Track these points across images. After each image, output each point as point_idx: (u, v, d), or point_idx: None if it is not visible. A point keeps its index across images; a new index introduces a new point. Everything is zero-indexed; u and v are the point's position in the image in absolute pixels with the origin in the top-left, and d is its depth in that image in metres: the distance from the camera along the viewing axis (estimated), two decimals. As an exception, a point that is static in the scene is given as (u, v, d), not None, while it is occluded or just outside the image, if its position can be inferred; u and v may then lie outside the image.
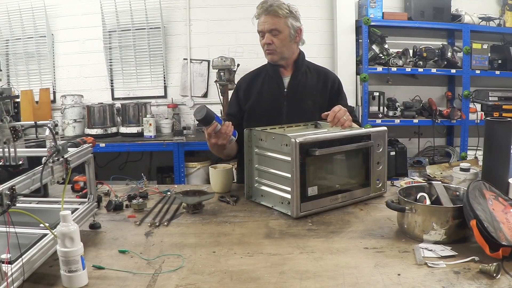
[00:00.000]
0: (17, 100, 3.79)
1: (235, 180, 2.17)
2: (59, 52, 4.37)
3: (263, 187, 1.76)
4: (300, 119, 1.99)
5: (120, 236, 1.45)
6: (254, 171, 1.79)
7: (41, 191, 1.23)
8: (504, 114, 4.12)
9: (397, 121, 4.21)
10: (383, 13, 4.09)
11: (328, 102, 2.06)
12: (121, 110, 4.16)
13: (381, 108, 4.26)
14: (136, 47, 4.36)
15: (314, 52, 4.27)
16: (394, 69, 4.12)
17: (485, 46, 4.17)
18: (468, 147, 4.27)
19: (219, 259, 1.27)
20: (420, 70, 4.15)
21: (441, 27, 4.24)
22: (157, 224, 1.56)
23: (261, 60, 2.17)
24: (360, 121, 4.06)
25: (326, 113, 1.84)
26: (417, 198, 1.51)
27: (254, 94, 2.11)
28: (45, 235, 1.19)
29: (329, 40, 4.40)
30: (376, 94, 4.22)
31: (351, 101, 4.16)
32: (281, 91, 2.08)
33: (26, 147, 1.61)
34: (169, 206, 1.76)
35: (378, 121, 4.13)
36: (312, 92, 2.07)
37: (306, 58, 2.15)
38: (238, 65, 3.94)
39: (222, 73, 3.85)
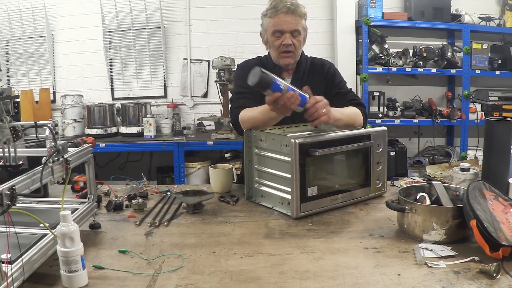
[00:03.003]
0: (17, 100, 3.79)
1: (235, 180, 2.16)
2: (59, 52, 4.38)
3: (263, 188, 1.76)
4: (302, 119, 1.95)
5: (120, 236, 1.45)
6: (254, 171, 1.79)
7: (41, 191, 1.23)
8: (504, 114, 4.13)
9: (397, 121, 4.21)
10: (383, 13, 4.09)
11: (326, 86, 1.97)
12: (121, 110, 4.16)
13: (381, 108, 4.26)
14: (136, 47, 4.36)
15: (314, 52, 4.17)
16: (394, 69, 4.12)
17: (485, 46, 4.17)
18: (468, 147, 4.28)
19: (219, 259, 1.27)
20: (420, 70, 4.15)
21: (441, 27, 4.25)
22: (157, 224, 1.56)
23: (261, 60, 2.16)
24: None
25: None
26: (417, 198, 1.51)
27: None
28: (45, 235, 1.18)
29: (329, 40, 4.41)
30: (376, 94, 4.22)
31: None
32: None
33: (26, 147, 1.61)
34: (169, 206, 1.76)
35: (378, 121, 4.13)
36: (311, 91, 2.03)
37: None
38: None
39: (222, 73, 3.85)
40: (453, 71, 4.20)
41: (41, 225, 1.18)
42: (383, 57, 4.13)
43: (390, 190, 1.92)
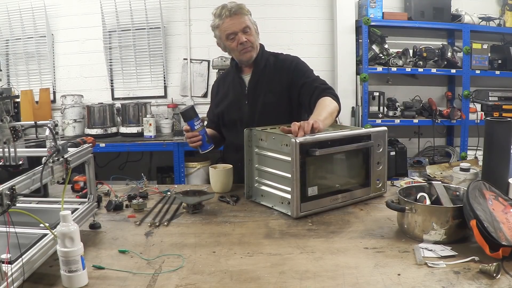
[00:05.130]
0: (17, 100, 3.79)
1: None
2: (59, 52, 4.37)
3: (263, 187, 1.76)
4: (261, 115, 2.02)
5: (120, 236, 1.46)
6: (254, 171, 1.79)
7: (41, 191, 1.22)
8: (504, 114, 4.13)
9: (397, 121, 4.21)
10: (383, 13, 4.09)
11: (292, 79, 2.03)
12: (121, 110, 4.16)
13: (381, 108, 4.26)
14: (136, 47, 4.36)
15: (314, 52, 4.27)
16: (394, 69, 4.12)
17: (485, 46, 4.17)
18: (468, 147, 4.28)
19: (219, 259, 1.27)
20: (420, 70, 4.15)
21: (441, 27, 4.25)
22: (157, 224, 1.56)
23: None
24: (360, 121, 4.08)
25: (287, 128, 1.64)
26: (417, 198, 1.51)
27: (221, 99, 2.19)
28: (45, 235, 1.19)
29: (329, 40, 4.40)
30: (376, 94, 4.22)
31: (351, 101, 4.17)
32: (242, 90, 2.10)
33: (26, 147, 1.61)
34: (169, 206, 1.76)
35: (378, 121, 4.13)
36: (272, 85, 2.05)
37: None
38: (238, 65, 3.94)
39: (222, 73, 3.84)
40: (453, 71, 4.20)
41: (41, 225, 1.18)
42: (383, 57, 4.13)
43: (390, 190, 1.92)
